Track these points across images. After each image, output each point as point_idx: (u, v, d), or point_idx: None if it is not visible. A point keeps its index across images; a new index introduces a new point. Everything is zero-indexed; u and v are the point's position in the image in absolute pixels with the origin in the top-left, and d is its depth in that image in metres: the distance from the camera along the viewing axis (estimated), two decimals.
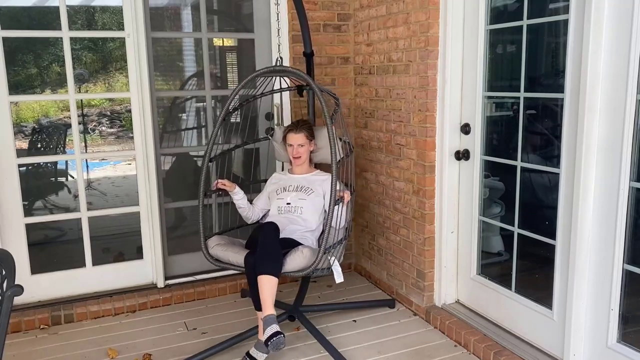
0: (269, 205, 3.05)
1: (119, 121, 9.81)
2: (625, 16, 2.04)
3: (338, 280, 2.64)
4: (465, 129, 2.90)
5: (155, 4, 3.58)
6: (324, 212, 2.98)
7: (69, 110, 3.25)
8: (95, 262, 3.40)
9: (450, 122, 2.92)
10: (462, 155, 2.92)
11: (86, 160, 6.32)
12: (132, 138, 3.36)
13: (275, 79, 3.28)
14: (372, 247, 3.70)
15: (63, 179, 5.13)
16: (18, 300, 3.11)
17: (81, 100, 6.78)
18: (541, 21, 2.53)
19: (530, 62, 2.56)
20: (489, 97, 2.84)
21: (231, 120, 3.54)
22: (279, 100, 3.58)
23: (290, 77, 3.18)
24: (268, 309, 2.48)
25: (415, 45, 3.00)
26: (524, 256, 2.72)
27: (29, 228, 3.27)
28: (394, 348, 2.83)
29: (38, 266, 3.31)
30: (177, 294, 3.44)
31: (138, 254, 3.51)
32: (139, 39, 3.20)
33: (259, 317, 2.63)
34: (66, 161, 5.25)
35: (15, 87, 5.10)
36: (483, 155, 2.87)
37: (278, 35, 3.50)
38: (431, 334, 2.99)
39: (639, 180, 2.11)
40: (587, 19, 2.13)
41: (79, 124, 3.49)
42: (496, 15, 2.73)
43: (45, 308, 3.18)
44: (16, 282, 1.50)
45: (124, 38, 3.22)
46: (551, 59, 2.62)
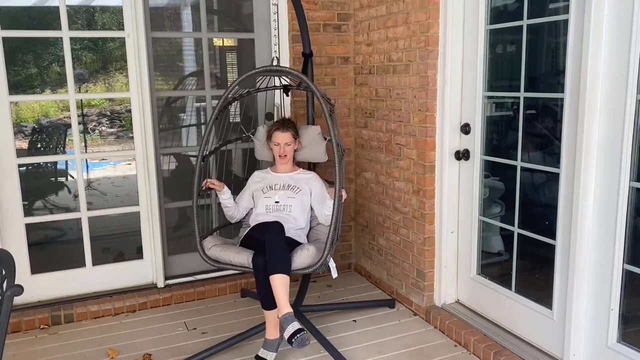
0: (252, 204, 3.03)
1: (119, 121, 9.81)
2: (625, 16, 2.04)
3: (334, 275, 2.74)
4: (465, 129, 2.90)
5: (155, 4, 3.58)
6: (310, 210, 3.00)
7: (69, 110, 3.25)
8: (95, 262, 3.40)
9: (450, 122, 2.92)
10: (462, 155, 2.92)
11: (86, 160, 6.33)
12: (132, 138, 3.36)
13: (275, 78, 3.28)
14: (372, 247, 3.70)
15: (63, 179, 5.13)
16: (18, 300, 3.11)
17: (81, 100, 6.79)
18: (541, 21, 2.53)
19: (530, 62, 2.56)
20: (489, 97, 2.84)
21: (231, 120, 3.54)
22: (279, 100, 3.57)
23: (288, 77, 3.18)
24: (285, 307, 2.50)
25: (415, 45, 3.00)
26: (524, 256, 2.72)
27: (29, 228, 3.27)
28: (394, 348, 2.83)
29: (38, 266, 3.31)
30: (177, 294, 3.44)
31: (138, 254, 3.51)
32: (139, 39, 3.20)
33: (266, 317, 2.63)
34: (66, 161, 5.25)
35: (15, 87, 5.11)
36: (483, 155, 2.87)
37: (275, 35, 3.50)
38: (431, 334, 2.99)
39: (639, 180, 2.11)
40: (587, 19, 2.13)
41: (79, 124, 3.49)
42: (496, 15, 2.73)
43: (45, 308, 3.18)
44: (16, 282, 1.50)
45: (124, 38, 3.22)
46: (551, 59, 2.62)
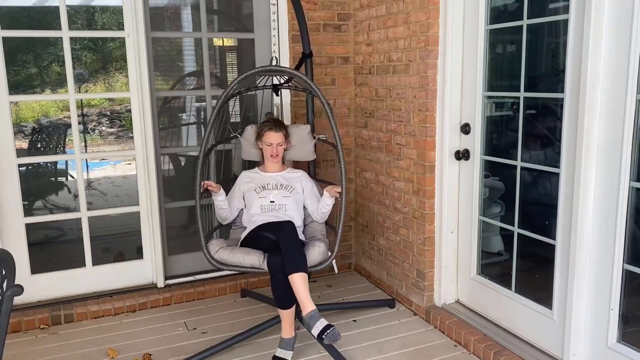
0: (242, 205, 3.02)
1: (119, 121, 9.82)
2: (625, 16, 2.04)
3: (336, 271, 2.88)
4: (465, 129, 2.90)
5: (155, 4, 3.58)
6: (304, 208, 3.02)
7: (69, 110, 3.25)
8: (95, 262, 3.40)
9: (450, 122, 2.92)
10: (462, 155, 2.92)
11: (86, 160, 6.33)
12: (132, 138, 3.36)
13: (274, 78, 3.28)
14: (372, 247, 3.70)
15: (63, 179, 5.13)
16: (18, 300, 3.11)
17: (81, 100, 6.79)
18: (541, 21, 2.53)
19: (530, 62, 2.56)
20: (489, 97, 2.84)
21: (231, 120, 3.55)
22: (279, 100, 3.57)
23: (286, 77, 3.18)
24: (309, 305, 2.50)
25: (415, 45, 3.00)
26: (524, 256, 2.72)
27: (29, 228, 3.27)
28: (394, 348, 2.83)
29: (38, 266, 3.31)
30: (177, 293, 3.44)
31: (138, 254, 3.51)
32: (139, 38, 3.19)
33: (283, 316, 2.63)
34: (66, 161, 5.25)
35: (15, 87, 5.11)
36: (483, 155, 2.87)
37: (274, 36, 3.50)
38: (431, 333, 2.99)
39: (639, 180, 2.11)
40: (587, 19, 2.12)
41: (79, 123, 3.49)
42: (496, 15, 2.73)
43: (45, 308, 3.18)
44: (16, 282, 1.50)
45: (124, 38, 3.22)
46: (551, 58, 2.62)
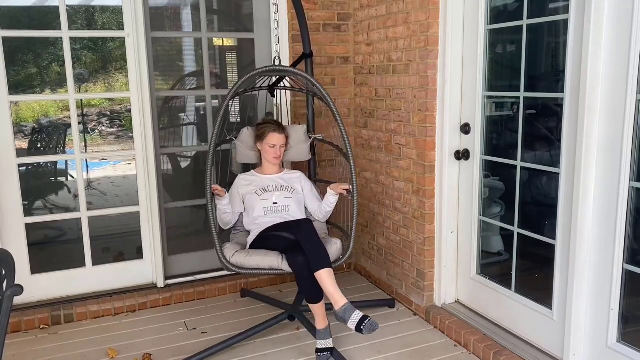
0: (242, 208, 2.99)
1: (119, 121, 9.82)
2: (625, 16, 2.04)
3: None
4: (465, 129, 2.90)
5: (155, 3, 3.58)
6: (304, 208, 3.02)
7: (69, 110, 3.25)
8: (95, 262, 3.39)
9: (450, 122, 2.92)
10: (462, 155, 2.92)
11: (86, 160, 6.33)
12: (132, 138, 3.36)
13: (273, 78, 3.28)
14: (372, 247, 3.70)
15: (63, 179, 5.13)
16: (18, 300, 3.11)
17: (81, 100, 6.80)
18: (541, 21, 2.53)
19: (530, 62, 2.56)
20: (489, 97, 2.84)
21: (231, 120, 3.55)
22: (279, 101, 3.57)
23: (290, 77, 3.18)
24: (341, 298, 2.50)
25: (415, 45, 3.00)
26: (524, 256, 2.72)
27: (29, 228, 3.27)
28: (394, 348, 2.83)
29: (38, 266, 3.31)
30: (177, 293, 3.44)
31: (138, 254, 3.51)
32: (139, 38, 3.19)
33: (315, 310, 2.62)
34: (66, 161, 5.25)
35: (15, 87, 5.11)
36: (483, 155, 2.87)
37: (276, 36, 3.50)
38: (431, 333, 2.99)
39: (639, 180, 2.11)
40: (587, 19, 2.12)
41: (79, 123, 3.49)
42: (496, 15, 2.73)
43: (45, 308, 3.18)
44: (16, 282, 1.50)
45: (124, 38, 3.22)
46: (551, 58, 2.62)
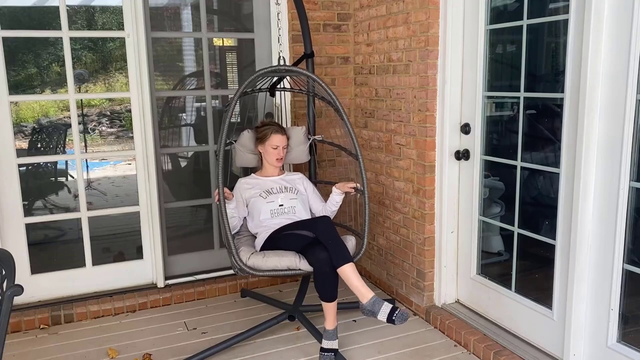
0: (245, 212, 2.97)
1: (119, 121, 9.82)
2: (625, 16, 2.04)
3: None
4: (465, 129, 2.90)
5: (155, 3, 3.58)
6: (309, 209, 3.02)
7: (69, 110, 3.25)
8: (95, 262, 3.40)
9: (450, 122, 2.92)
10: (462, 155, 2.92)
11: (86, 160, 6.33)
12: (132, 138, 3.36)
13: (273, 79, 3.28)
14: (372, 247, 3.70)
15: (63, 179, 5.13)
16: (18, 300, 3.11)
17: (81, 100, 6.79)
18: (541, 21, 2.53)
19: (530, 62, 2.56)
20: (489, 97, 2.84)
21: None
22: (279, 101, 3.57)
23: (291, 77, 3.18)
24: (367, 292, 2.51)
25: (415, 45, 3.00)
26: (524, 256, 2.72)
27: (29, 228, 3.27)
28: (393, 348, 2.83)
29: (38, 266, 3.31)
30: (177, 293, 3.44)
31: (138, 254, 3.51)
32: (139, 38, 3.19)
33: (328, 309, 2.63)
34: (66, 161, 5.25)
35: (15, 87, 5.11)
36: (483, 155, 2.87)
37: (280, 35, 3.48)
38: (431, 333, 2.99)
39: (639, 180, 2.11)
40: (587, 19, 2.13)
41: (79, 123, 3.49)
42: (496, 15, 2.73)
43: (45, 308, 3.18)
44: (16, 282, 1.50)
45: (124, 38, 3.22)
46: (551, 59, 2.62)
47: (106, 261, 3.55)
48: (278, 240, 2.77)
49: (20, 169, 3.22)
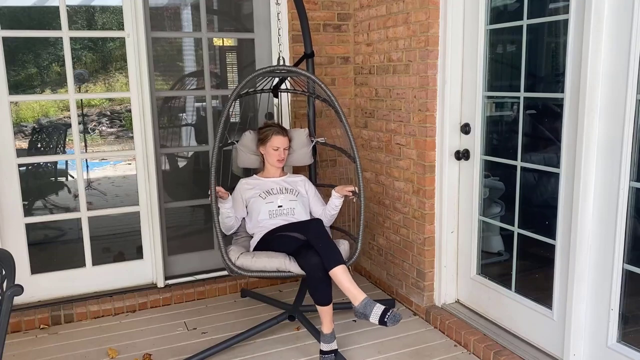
0: (245, 213, 2.97)
1: (119, 121, 9.82)
2: (625, 16, 2.04)
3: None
4: (465, 129, 2.90)
5: (155, 3, 3.58)
6: (309, 211, 3.01)
7: (69, 110, 3.25)
8: (95, 262, 3.40)
9: (450, 122, 2.92)
10: (462, 155, 2.92)
11: (86, 160, 6.32)
12: (132, 138, 3.36)
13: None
14: (372, 247, 3.70)
15: (63, 179, 5.13)
16: (18, 300, 3.11)
17: (81, 100, 6.79)
18: (541, 21, 2.53)
19: (530, 62, 2.56)
20: (489, 97, 2.84)
21: (232, 120, 3.55)
22: (279, 100, 3.57)
23: (293, 77, 3.17)
24: (359, 294, 2.48)
25: (415, 45, 3.00)
26: (524, 256, 2.72)
27: (29, 228, 3.27)
28: (394, 348, 2.83)
29: (38, 266, 3.31)
30: (177, 293, 3.44)
31: (138, 254, 3.51)
32: (139, 38, 3.19)
33: (323, 313, 2.60)
34: (66, 161, 5.25)
35: (15, 87, 5.11)
36: (483, 155, 2.87)
37: (280, 35, 3.48)
38: (431, 333, 2.99)
39: (639, 180, 2.11)
40: (587, 19, 2.13)
41: (79, 123, 3.49)
42: (496, 15, 2.73)
43: (45, 308, 3.18)
44: (16, 282, 1.50)
45: (124, 38, 3.22)
46: (551, 59, 2.62)
47: (106, 261, 3.54)
48: (271, 241, 2.76)
49: (20, 168, 3.22)
